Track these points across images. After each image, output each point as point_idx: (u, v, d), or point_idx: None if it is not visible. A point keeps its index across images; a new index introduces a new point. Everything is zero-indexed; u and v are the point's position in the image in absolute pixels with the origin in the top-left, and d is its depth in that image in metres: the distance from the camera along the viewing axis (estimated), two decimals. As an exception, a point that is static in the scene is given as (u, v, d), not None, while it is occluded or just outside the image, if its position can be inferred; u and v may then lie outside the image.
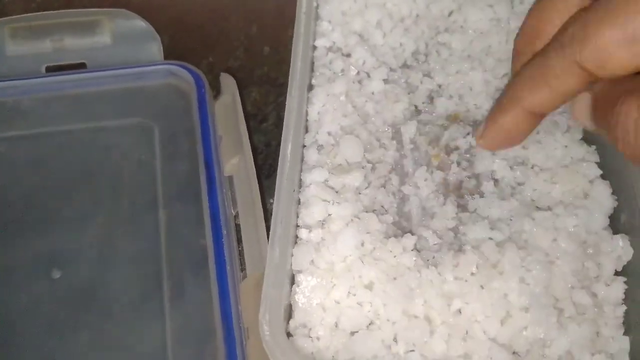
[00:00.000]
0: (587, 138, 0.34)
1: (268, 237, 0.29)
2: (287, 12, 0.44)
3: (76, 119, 0.40)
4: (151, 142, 0.39)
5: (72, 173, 0.38)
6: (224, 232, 0.34)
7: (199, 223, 0.35)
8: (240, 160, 0.37)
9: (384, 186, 0.32)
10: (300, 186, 0.31)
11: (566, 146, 0.33)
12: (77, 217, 0.36)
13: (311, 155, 0.32)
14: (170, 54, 0.42)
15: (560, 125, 0.34)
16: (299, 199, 0.31)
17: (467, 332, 0.28)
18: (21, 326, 0.33)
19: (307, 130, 0.34)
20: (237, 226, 0.36)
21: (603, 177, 0.32)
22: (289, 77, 0.33)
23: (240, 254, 0.35)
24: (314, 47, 0.36)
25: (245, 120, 0.38)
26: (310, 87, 0.35)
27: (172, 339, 0.32)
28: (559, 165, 0.33)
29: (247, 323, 0.32)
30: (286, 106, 0.32)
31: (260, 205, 0.34)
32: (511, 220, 0.31)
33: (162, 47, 0.41)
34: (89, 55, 0.41)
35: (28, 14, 0.41)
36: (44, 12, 0.42)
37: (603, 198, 0.31)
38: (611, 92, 0.23)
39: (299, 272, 0.29)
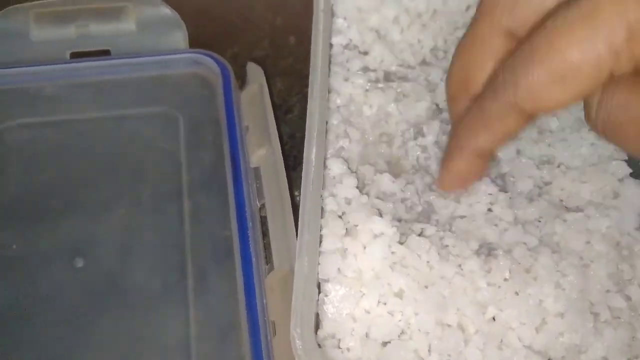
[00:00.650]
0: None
1: (296, 230, 0.29)
2: (312, 3, 0.44)
3: (100, 106, 0.39)
4: (176, 132, 0.38)
5: (96, 161, 0.37)
6: (250, 223, 0.33)
7: (224, 214, 0.34)
8: (268, 151, 0.36)
9: (409, 189, 0.32)
10: (323, 192, 0.31)
11: (593, 144, 0.33)
12: (100, 206, 0.36)
13: (333, 160, 0.32)
14: (194, 43, 0.41)
15: (586, 122, 0.33)
16: (322, 207, 0.30)
17: (502, 341, 0.27)
18: (42, 315, 0.32)
19: (326, 132, 0.33)
20: (263, 218, 0.35)
21: (633, 175, 0.32)
22: (309, 78, 0.32)
23: (266, 246, 0.34)
24: (331, 45, 0.36)
25: (271, 111, 0.38)
26: (328, 87, 0.34)
27: (196, 330, 0.32)
28: (586, 163, 0.32)
29: (275, 317, 0.31)
30: (308, 109, 0.31)
31: (288, 197, 0.34)
32: (540, 221, 0.30)
33: (187, 35, 0.41)
34: (113, 42, 0.41)
35: (53, 0, 0.41)
36: (68, -2, 0.41)
37: (634, 197, 0.31)
38: None
39: (326, 281, 0.28)
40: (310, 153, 0.30)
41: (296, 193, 0.38)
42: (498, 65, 0.26)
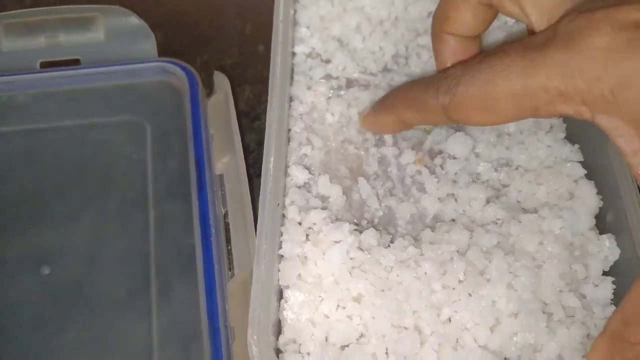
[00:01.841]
0: (571, 137, 0.33)
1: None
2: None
3: (69, 115, 0.40)
4: (143, 140, 0.38)
5: (64, 169, 0.38)
6: (213, 231, 0.34)
7: (188, 222, 0.35)
8: (231, 159, 0.37)
9: (369, 195, 0.32)
10: (284, 199, 0.31)
11: (549, 146, 0.33)
12: (67, 214, 0.36)
13: (295, 168, 0.32)
14: (164, 51, 0.42)
15: (543, 125, 0.34)
16: (284, 214, 0.31)
17: (457, 341, 0.28)
18: (8, 321, 0.33)
19: (289, 140, 0.33)
20: (227, 225, 0.35)
21: (587, 176, 0.32)
22: (269, 88, 0.33)
23: (229, 253, 0.35)
24: (293, 54, 0.36)
25: (238, 119, 0.38)
26: (290, 95, 0.35)
27: (158, 337, 0.32)
28: (542, 165, 0.32)
29: (234, 322, 0.32)
30: (267, 119, 0.32)
31: (250, 205, 0.34)
32: (497, 223, 0.31)
33: (156, 44, 0.41)
34: (83, 52, 0.41)
35: (22, 10, 0.41)
36: (38, 9, 0.41)
37: (588, 198, 0.31)
38: None
39: (287, 287, 0.29)
40: (269, 162, 0.31)
41: (261, 200, 0.38)
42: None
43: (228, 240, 0.35)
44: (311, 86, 0.35)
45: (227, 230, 0.35)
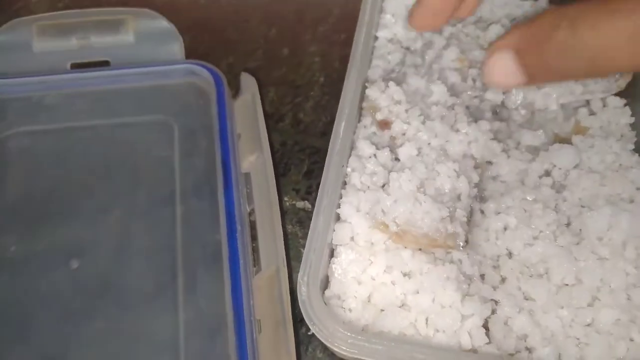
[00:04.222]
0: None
1: (284, 233, 0.31)
2: (306, 15, 0.45)
3: (99, 114, 0.41)
4: (171, 139, 0.39)
5: (94, 167, 0.39)
6: (238, 227, 0.34)
7: (215, 218, 0.35)
8: (258, 157, 0.37)
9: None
10: (349, 163, 0.32)
11: (617, 153, 0.34)
12: (97, 210, 0.37)
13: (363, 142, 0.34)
14: (191, 53, 0.43)
15: (614, 133, 0.35)
16: (345, 181, 0.32)
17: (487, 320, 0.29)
18: (39, 313, 0.33)
19: (361, 118, 0.35)
20: (253, 222, 0.36)
21: None
22: (349, 63, 0.35)
23: (255, 249, 0.35)
24: (376, 38, 0.38)
25: (263, 119, 0.39)
26: (367, 77, 0.37)
27: (185, 330, 0.33)
28: (608, 169, 0.33)
29: (260, 316, 0.32)
30: (343, 88, 0.34)
31: (277, 202, 0.35)
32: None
33: (183, 47, 0.42)
34: (112, 53, 0.42)
35: (55, 12, 0.43)
36: (70, 11, 0.43)
37: None
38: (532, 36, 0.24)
39: (339, 245, 0.30)
40: (339, 127, 0.32)
41: (285, 198, 0.39)
42: None
43: (254, 237, 0.36)
44: (388, 70, 0.37)
45: (253, 227, 0.36)
